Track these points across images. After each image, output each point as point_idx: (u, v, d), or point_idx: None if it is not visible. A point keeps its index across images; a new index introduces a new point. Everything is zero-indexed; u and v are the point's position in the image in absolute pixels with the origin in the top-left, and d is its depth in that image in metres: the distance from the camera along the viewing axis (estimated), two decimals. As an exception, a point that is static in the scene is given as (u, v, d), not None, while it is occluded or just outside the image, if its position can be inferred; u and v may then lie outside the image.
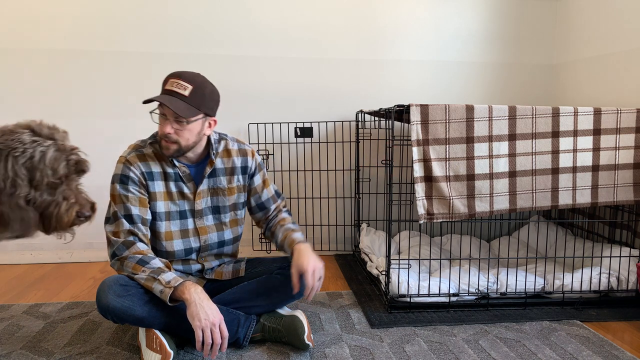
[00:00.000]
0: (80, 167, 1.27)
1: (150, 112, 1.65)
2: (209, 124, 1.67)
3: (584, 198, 2.01)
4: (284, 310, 1.77)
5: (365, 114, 2.65)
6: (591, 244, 2.32)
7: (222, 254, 1.83)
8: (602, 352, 1.67)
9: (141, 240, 1.59)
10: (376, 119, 2.76)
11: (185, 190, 1.70)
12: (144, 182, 1.64)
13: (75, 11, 2.60)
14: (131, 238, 1.58)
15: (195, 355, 1.62)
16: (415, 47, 2.90)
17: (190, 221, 1.72)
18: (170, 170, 1.68)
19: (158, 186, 1.67)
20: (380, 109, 2.20)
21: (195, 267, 1.77)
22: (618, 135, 2.00)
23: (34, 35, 2.59)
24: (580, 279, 2.09)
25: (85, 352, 1.64)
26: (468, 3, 2.91)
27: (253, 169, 1.81)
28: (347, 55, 2.85)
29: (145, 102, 1.56)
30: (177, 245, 1.70)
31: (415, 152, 1.90)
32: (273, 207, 1.88)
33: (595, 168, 2.00)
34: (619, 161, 2.02)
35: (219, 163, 1.74)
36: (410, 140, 1.91)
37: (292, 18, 2.77)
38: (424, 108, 1.89)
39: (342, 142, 2.86)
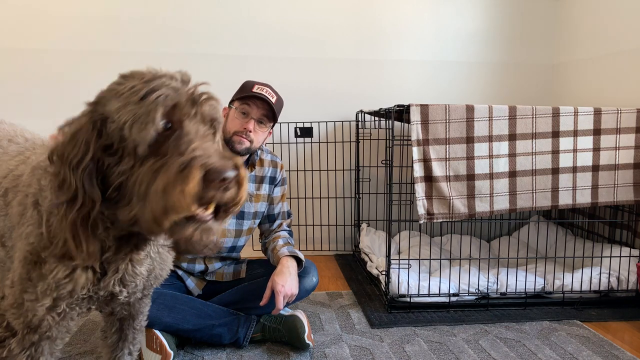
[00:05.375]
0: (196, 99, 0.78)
1: (232, 107, 1.69)
2: (269, 133, 1.76)
3: (584, 198, 2.01)
4: (285, 310, 1.76)
5: (365, 114, 2.65)
6: (591, 244, 2.32)
7: (228, 258, 1.83)
8: (602, 352, 1.67)
9: None
10: (376, 119, 2.76)
11: None
12: None
13: (76, 11, 2.60)
14: None
15: (195, 355, 1.62)
16: (415, 47, 2.90)
17: None
18: None
19: None
20: (380, 109, 2.19)
21: (199, 267, 1.77)
22: (618, 135, 2.00)
23: (35, 36, 2.58)
24: (580, 279, 2.09)
25: (85, 352, 1.63)
26: (468, 3, 2.90)
27: (278, 180, 1.86)
28: (347, 55, 2.84)
29: (246, 97, 1.64)
30: None
31: (416, 152, 1.90)
32: (278, 222, 1.89)
33: (595, 168, 2.00)
34: (619, 161, 2.01)
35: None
36: (410, 140, 1.91)
37: (293, 18, 2.77)
38: (424, 108, 1.88)
39: (342, 142, 2.86)
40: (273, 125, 1.74)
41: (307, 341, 1.62)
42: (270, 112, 1.66)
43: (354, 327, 1.86)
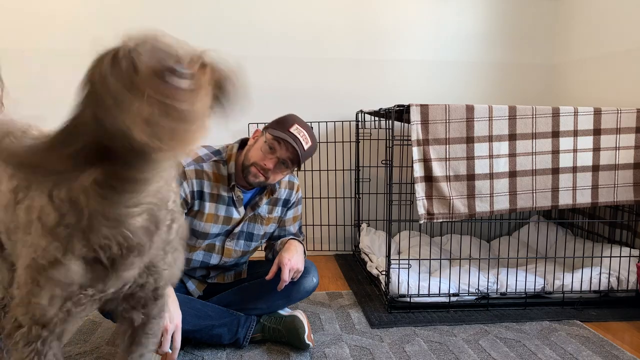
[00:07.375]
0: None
1: (264, 134, 1.59)
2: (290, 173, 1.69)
3: (584, 198, 2.01)
4: (284, 311, 1.77)
5: (365, 114, 2.65)
6: (591, 244, 2.32)
7: (229, 269, 1.84)
8: (602, 352, 1.67)
9: None
10: (376, 119, 2.76)
11: (235, 215, 1.66)
12: (189, 201, 1.59)
13: (74, 11, 2.60)
14: None
15: (195, 355, 1.62)
16: (416, 47, 2.90)
17: (220, 239, 1.69)
18: (224, 193, 1.62)
19: (204, 207, 1.61)
20: (380, 109, 2.19)
21: (200, 272, 1.77)
22: (618, 135, 2.00)
23: (34, 36, 2.58)
24: (580, 279, 2.09)
25: (85, 352, 1.63)
26: (468, 3, 2.90)
27: (292, 203, 1.80)
28: (347, 55, 2.84)
29: (280, 138, 1.54)
30: (197, 255, 1.69)
31: (416, 152, 1.90)
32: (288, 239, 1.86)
33: (595, 168, 2.00)
34: (619, 161, 2.02)
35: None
36: (410, 140, 1.91)
37: (292, 18, 2.77)
38: (424, 108, 1.88)
39: (342, 142, 2.86)
40: (296, 169, 1.65)
41: (307, 341, 1.62)
42: (297, 158, 1.56)
43: (354, 327, 1.86)
